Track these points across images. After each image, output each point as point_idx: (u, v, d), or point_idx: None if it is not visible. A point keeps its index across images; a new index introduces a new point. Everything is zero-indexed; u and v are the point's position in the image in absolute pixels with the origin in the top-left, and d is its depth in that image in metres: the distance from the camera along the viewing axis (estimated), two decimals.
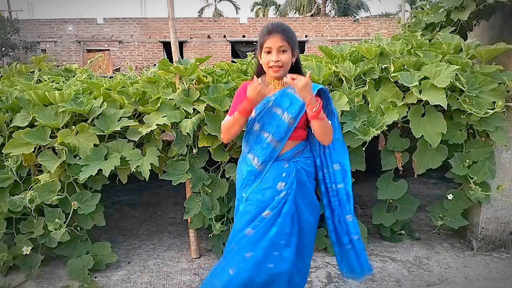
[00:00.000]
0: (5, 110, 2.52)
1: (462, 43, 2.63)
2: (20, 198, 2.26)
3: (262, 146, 1.68)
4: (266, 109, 1.67)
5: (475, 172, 2.48)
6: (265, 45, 1.62)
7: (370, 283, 2.35)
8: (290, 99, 1.66)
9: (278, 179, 1.67)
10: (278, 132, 1.65)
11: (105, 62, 17.20)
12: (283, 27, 1.64)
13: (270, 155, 1.68)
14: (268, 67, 1.64)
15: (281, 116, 1.65)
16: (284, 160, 1.71)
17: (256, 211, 1.66)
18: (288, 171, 1.69)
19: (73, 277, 2.38)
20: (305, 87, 1.53)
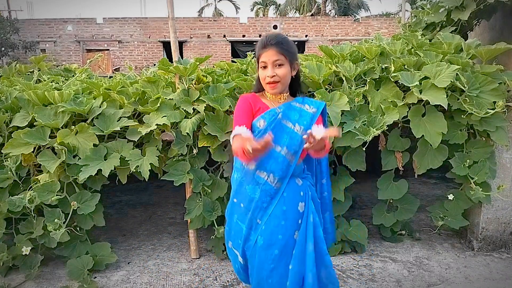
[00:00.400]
0: (4, 110, 2.52)
1: (462, 43, 2.63)
2: (20, 198, 2.25)
3: (277, 161, 1.54)
4: (277, 121, 1.54)
5: (476, 172, 2.48)
6: (261, 59, 1.54)
7: (371, 284, 2.34)
8: (298, 111, 1.59)
9: (298, 199, 1.57)
10: (292, 144, 1.55)
11: (104, 62, 17.19)
12: (278, 39, 1.53)
13: (287, 170, 1.55)
14: (265, 83, 1.55)
15: (293, 129, 1.55)
16: (295, 177, 1.60)
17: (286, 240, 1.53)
18: (303, 189, 1.60)
19: (73, 277, 2.37)
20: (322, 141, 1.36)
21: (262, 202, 1.54)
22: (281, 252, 1.52)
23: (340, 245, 2.70)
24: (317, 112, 1.60)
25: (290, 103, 1.60)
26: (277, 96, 1.61)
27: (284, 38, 1.56)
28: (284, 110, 1.57)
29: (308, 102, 1.63)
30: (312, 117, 1.57)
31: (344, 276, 2.42)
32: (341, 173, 2.74)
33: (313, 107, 1.61)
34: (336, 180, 2.73)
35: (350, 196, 2.76)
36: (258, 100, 1.62)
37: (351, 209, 2.85)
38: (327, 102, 2.42)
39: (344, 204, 2.71)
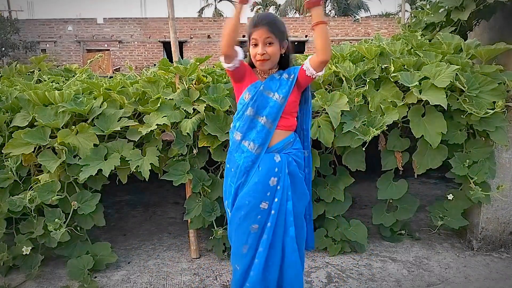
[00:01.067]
0: (5, 110, 2.52)
1: (462, 43, 2.63)
2: (20, 198, 2.26)
3: (257, 129, 1.71)
4: (259, 92, 1.71)
5: (475, 172, 2.48)
6: (252, 37, 1.64)
7: (370, 283, 2.35)
8: (279, 81, 1.73)
9: (270, 175, 1.70)
10: (271, 113, 1.70)
11: (105, 62, 17.19)
12: (269, 18, 1.63)
13: (266, 137, 1.71)
14: (255, 59, 1.67)
15: (272, 98, 1.70)
16: (275, 152, 1.73)
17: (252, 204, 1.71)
18: (280, 165, 1.72)
19: (73, 277, 2.38)
20: None
21: (245, 167, 1.73)
22: (246, 214, 1.72)
23: (340, 245, 2.71)
24: (294, 77, 1.72)
25: (273, 75, 1.74)
26: (266, 72, 1.75)
27: (275, 17, 1.68)
28: (266, 82, 1.73)
29: (288, 71, 1.75)
30: (290, 84, 1.71)
31: (344, 276, 2.43)
32: (341, 173, 2.75)
33: (291, 74, 1.73)
34: (336, 180, 2.73)
35: (350, 196, 2.77)
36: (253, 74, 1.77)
37: (351, 209, 2.85)
38: (327, 102, 2.44)
39: (344, 204, 2.71)
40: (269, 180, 1.70)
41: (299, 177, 1.78)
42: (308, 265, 2.55)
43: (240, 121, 1.75)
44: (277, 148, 1.74)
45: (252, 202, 1.71)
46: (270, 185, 1.70)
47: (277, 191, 1.71)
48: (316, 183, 2.72)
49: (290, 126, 1.78)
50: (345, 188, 2.70)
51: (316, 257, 2.68)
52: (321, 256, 2.69)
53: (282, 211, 1.72)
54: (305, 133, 1.91)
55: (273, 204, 1.71)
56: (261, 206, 1.70)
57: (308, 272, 2.48)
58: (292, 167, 1.74)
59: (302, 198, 1.81)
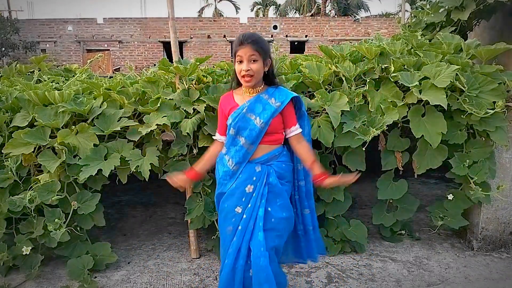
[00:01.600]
0: (5, 110, 2.52)
1: (462, 43, 2.63)
2: (20, 198, 2.25)
3: (236, 148, 1.80)
4: (241, 115, 1.78)
5: (475, 172, 2.48)
6: (237, 54, 1.72)
7: (370, 283, 2.34)
8: (263, 105, 1.77)
9: (248, 182, 1.80)
10: (250, 136, 1.77)
11: (105, 62, 17.20)
12: (254, 37, 1.72)
13: (244, 157, 1.80)
14: (240, 76, 1.74)
15: (254, 121, 1.76)
16: (258, 163, 1.81)
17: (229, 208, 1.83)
18: (258, 175, 1.80)
19: (73, 277, 2.38)
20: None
21: (223, 179, 1.87)
22: (224, 218, 1.86)
23: (340, 245, 2.71)
24: (280, 106, 1.78)
25: (259, 95, 1.80)
26: (252, 89, 1.80)
27: (259, 37, 1.76)
28: (251, 104, 1.79)
29: (276, 95, 1.80)
30: (274, 111, 1.77)
31: (344, 276, 2.43)
32: (341, 173, 2.74)
33: (278, 102, 1.78)
34: None
35: (350, 196, 2.77)
36: (231, 99, 1.87)
37: (351, 209, 2.85)
38: (327, 102, 2.43)
39: (344, 204, 2.71)
40: (245, 187, 1.79)
41: (279, 188, 1.82)
42: (308, 265, 2.55)
43: (227, 136, 1.86)
44: (261, 160, 1.81)
45: (229, 206, 1.82)
46: (246, 191, 1.79)
47: (252, 198, 1.79)
48: None
49: (276, 141, 1.83)
50: (345, 188, 2.70)
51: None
52: (321, 256, 2.69)
53: (253, 217, 1.78)
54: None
55: (246, 209, 1.78)
56: (236, 210, 1.80)
57: (308, 272, 2.48)
58: (271, 178, 1.81)
59: (284, 209, 1.83)
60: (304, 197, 2.00)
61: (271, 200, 1.80)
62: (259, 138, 1.78)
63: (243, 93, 1.83)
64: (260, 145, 1.79)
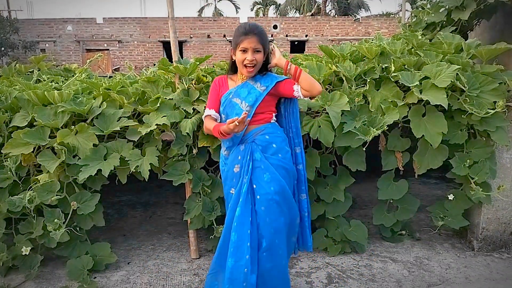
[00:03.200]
0: (4, 110, 2.51)
1: (462, 42, 2.63)
2: (19, 198, 2.25)
3: None
4: (228, 100, 1.87)
5: (476, 172, 2.47)
6: (241, 44, 1.77)
7: (371, 284, 2.34)
8: (249, 89, 1.85)
9: (235, 162, 1.87)
10: None
11: (104, 62, 17.19)
12: (260, 29, 1.79)
13: (233, 141, 1.88)
14: (243, 65, 1.80)
15: (239, 105, 1.84)
16: (242, 143, 1.87)
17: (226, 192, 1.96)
18: (243, 153, 1.85)
19: (73, 277, 2.37)
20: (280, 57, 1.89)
21: (222, 167, 2.01)
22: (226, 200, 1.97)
23: (340, 245, 2.70)
24: (265, 90, 1.84)
25: (246, 81, 1.87)
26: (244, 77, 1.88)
27: (262, 29, 1.83)
28: (237, 89, 1.87)
29: (262, 80, 1.87)
30: (258, 95, 1.83)
31: (344, 276, 2.42)
32: (341, 173, 2.74)
33: (263, 86, 1.85)
34: (336, 180, 2.73)
35: (350, 196, 2.76)
36: (226, 83, 1.95)
37: (351, 209, 2.85)
38: (327, 102, 2.43)
39: (344, 204, 2.71)
40: (233, 167, 1.86)
41: (265, 163, 1.82)
42: (308, 265, 2.55)
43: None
44: (246, 138, 1.87)
45: (225, 188, 1.96)
46: (234, 172, 1.86)
47: (240, 177, 1.84)
48: (316, 183, 2.71)
49: (261, 120, 1.88)
50: (345, 188, 2.70)
51: (317, 257, 2.68)
52: (322, 257, 2.68)
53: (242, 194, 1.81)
54: (294, 130, 2.01)
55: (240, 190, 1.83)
56: (231, 192, 1.89)
57: (308, 272, 2.47)
58: (256, 154, 1.83)
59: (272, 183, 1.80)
60: (302, 181, 2.04)
61: (258, 177, 1.81)
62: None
63: (236, 80, 1.91)
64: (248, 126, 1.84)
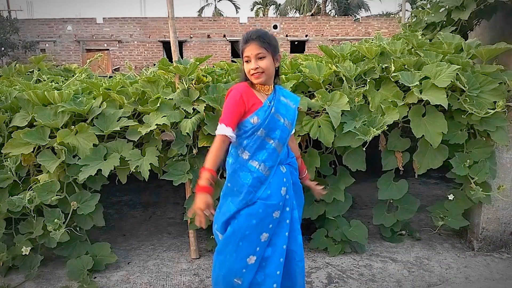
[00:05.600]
0: (4, 110, 2.52)
1: (462, 42, 2.63)
2: (19, 198, 2.25)
3: (268, 152, 1.70)
4: (271, 115, 1.68)
5: (476, 172, 2.47)
6: (244, 54, 1.64)
7: (371, 284, 2.34)
8: (284, 105, 1.74)
9: (281, 185, 1.73)
10: (282, 137, 1.72)
11: (104, 62, 17.18)
12: (259, 33, 1.63)
13: (276, 160, 1.73)
14: (249, 75, 1.66)
15: (282, 122, 1.71)
16: (280, 164, 1.77)
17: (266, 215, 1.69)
18: (286, 175, 1.77)
19: (73, 277, 2.37)
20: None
21: (253, 187, 1.68)
22: (257, 223, 1.68)
23: (340, 245, 2.70)
24: (296, 107, 1.81)
25: (279, 98, 1.74)
26: (265, 87, 1.70)
27: (265, 32, 1.66)
28: (276, 105, 1.71)
29: (289, 97, 1.80)
30: (294, 112, 1.78)
31: (344, 276, 2.42)
32: (341, 173, 2.74)
33: (293, 104, 1.80)
34: (336, 180, 2.73)
35: (350, 196, 2.76)
36: (252, 94, 1.69)
37: (351, 209, 2.84)
38: (327, 102, 2.43)
39: (344, 204, 2.71)
40: (280, 190, 1.72)
41: (299, 186, 1.87)
42: (308, 265, 2.55)
43: (249, 140, 1.68)
44: (281, 159, 1.77)
45: (266, 211, 1.68)
46: (282, 195, 1.72)
47: (286, 200, 1.75)
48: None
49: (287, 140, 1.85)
50: (345, 188, 2.69)
51: (317, 257, 2.68)
52: (322, 257, 2.68)
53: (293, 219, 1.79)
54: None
55: (285, 214, 1.75)
56: (274, 215, 1.71)
57: (308, 272, 2.47)
58: (294, 177, 1.83)
59: (301, 206, 1.90)
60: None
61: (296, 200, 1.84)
62: (287, 139, 1.77)
63: (259, 91, 1.70)
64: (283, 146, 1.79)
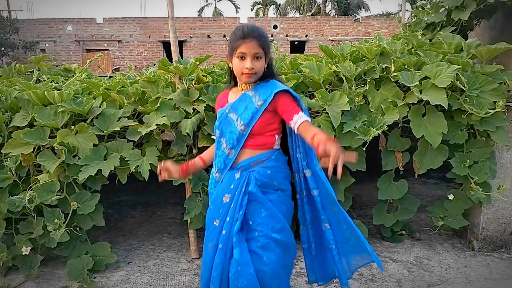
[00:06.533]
0: (4, 110, 2.52)
1: (462, 42, 2.63)
2: (19, 198, 2.25)
3: (219, 153, 1.64)
4: (224, 115, 1.60)
5: (476, 172, 2.47)
6: (239, 50, 1.49)
7: (371, 284, 2.34)
8: (247, 104, 1.55)
9: (225, 191, 1.60)
10: (230, 139, 1.57)
11: (104, 62, 17.17)
12: (260, 31, 1.51)
13: (225, 163, 1.60)
14: (241, 73, 1.52)
15: (235, 122, 1.56)
16: (238, 170, 1.59)
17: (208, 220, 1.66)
18: (237, 182, 1.58)
19: (73, 277, 2.37)
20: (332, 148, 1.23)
21: (210, 190, 1.75)
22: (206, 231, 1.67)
23: None
24: (263, 105, 1.52)
25: (246, 93, 1.58)
26: (246, 85, 1.58)
27: (263, 31, 1.55)
28: (235, 102, 1.59)
29: (261, 92, 1.55)
30: (255, 112, 1.53)
31: None
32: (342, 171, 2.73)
33: (260, 100, 1.53)
34: (336, 180, 2.73)
35: (350, 196, 2.76)
36: (225, 98, 1.68)
37: (351, 209, 2.84)
38: (327, 102, 2.42)
39: (344, 204, 2.70)
40: (223, 196, 1.59)
41: (261, 197, 1.56)
42: None
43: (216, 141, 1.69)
44: (243, 165, 1.59)
45: (209, 217, 1.64)
46: (223, 202, 1.59)
47: (229, 209, 1.57)
48: None
49: (263, 145, 1.58)
50: (345, 188, 2.69)
51: None
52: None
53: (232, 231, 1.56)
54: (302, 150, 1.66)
55: (224, 223, 1.57)
56: (214, 223, 1.60)
57: None
58: (251, 187, 1.56)
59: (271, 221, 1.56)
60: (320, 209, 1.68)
61: (253, 212, 1.56)
62: (241, 142, 1.55)
63: (237, 92, 1.62)
64: (243, 149, 1.57)
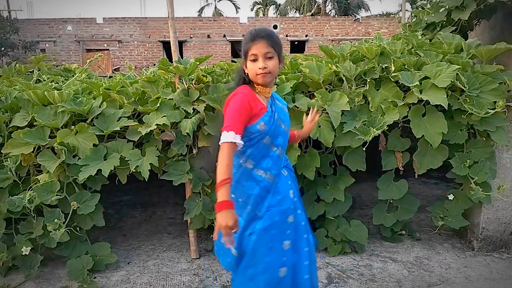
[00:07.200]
0: (4, 110, 2.52)
1: (462, 42, 2.63)
2: (20, 198, 2.25)
3: (273, 159, 1.63)
4: (275, 121, 1.60)
5: (476, 172, 2.47)
6: (250, 52, 1.52)
7: (371, 284, 2.34)
8: (282, 110, 1.69)
9: (288, 188, 1.68)
10: (284, 143, 1.68)
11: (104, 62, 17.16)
12: (268, 31, 1.55)
13: (280, 166, 1.68)
14: (255, 75, 1.54)
15: (283, 128, 1.65)
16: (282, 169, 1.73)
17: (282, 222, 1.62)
18: (289, 178, 1.73)
19: (73, 277, 2.37)
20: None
21: (260, 197, 1.60)
22: (277, 232, 1.59)
23: (340, 245, 2.70)
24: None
25: (276, 103, 1.67)
26: (266, 89, 1.59)
27: (272, 31, 1.58)
28: (277, 111, 1.64)
29: (281, 101, 1.75)
30: (288, 117, 1.74)
31: (344, 276, 2.42)
32: (341, 173, 2.74)
33: (285, 107, 1.75)
34: (336, 180, 2.73)
35: (350, 196, 2.76)
36: (256, 98, 1.59)
37: (351, 209, 2.84)
38: (327, 102, 2.43)
39: (344, 204, 2.71)
40: (288, 193, 1.67)
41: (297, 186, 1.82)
42: None
43: (253, 148, 1.59)
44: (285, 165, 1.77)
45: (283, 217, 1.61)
46: (291, 197, 1.67)
47: (295, 203, 1.70)
48: (316, 183, 2.71)
49: None
50: (345, 188, 2.70)
51: (317, 257, 2.67)
52: (322, 257, 2.68)
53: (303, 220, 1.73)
54: None
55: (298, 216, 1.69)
56: (288, 220, 1.64)
57: None
58: (293, 178, 1.77)
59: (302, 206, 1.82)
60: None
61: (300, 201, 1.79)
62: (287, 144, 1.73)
63: (259, 94, 1.60)
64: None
